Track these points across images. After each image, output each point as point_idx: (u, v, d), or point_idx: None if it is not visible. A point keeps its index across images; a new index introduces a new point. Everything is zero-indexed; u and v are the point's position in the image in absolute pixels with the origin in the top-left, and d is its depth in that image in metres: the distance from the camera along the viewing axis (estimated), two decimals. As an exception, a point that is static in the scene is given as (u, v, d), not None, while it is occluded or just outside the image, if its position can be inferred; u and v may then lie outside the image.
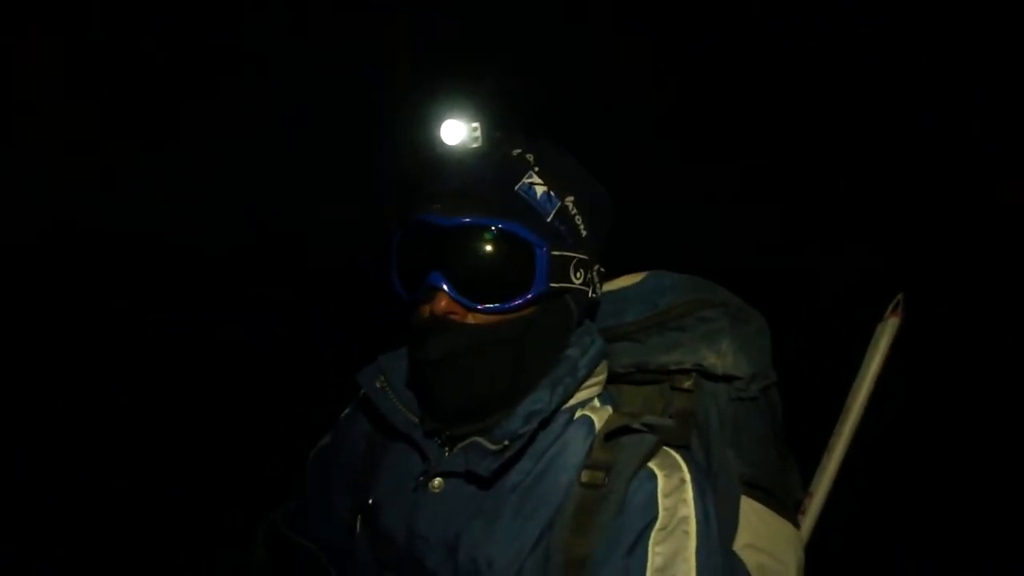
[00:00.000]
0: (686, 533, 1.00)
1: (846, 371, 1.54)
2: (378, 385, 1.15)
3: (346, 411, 1.30)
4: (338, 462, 1.25)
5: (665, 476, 1.04)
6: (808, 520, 1.45)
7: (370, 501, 1.16)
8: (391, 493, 1.14)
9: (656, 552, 1.00)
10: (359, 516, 1.17)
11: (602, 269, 1.16)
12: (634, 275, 1.32)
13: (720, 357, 1.20)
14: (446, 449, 1.10)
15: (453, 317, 1.05)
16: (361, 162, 4.27)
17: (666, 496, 1.02)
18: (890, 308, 1.49)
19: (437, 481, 1.09)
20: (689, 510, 1.02)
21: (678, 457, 1.07)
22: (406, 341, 1.14)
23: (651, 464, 1.05)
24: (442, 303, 1.04)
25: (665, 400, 1.26)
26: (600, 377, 1.16)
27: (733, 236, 4.29)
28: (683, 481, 1.04)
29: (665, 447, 1.07)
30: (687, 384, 1.23)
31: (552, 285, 1.07)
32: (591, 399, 1.15)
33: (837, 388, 1.57)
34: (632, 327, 1.26)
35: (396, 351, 1.20)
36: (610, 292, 1.25)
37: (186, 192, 4.51)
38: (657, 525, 1.01)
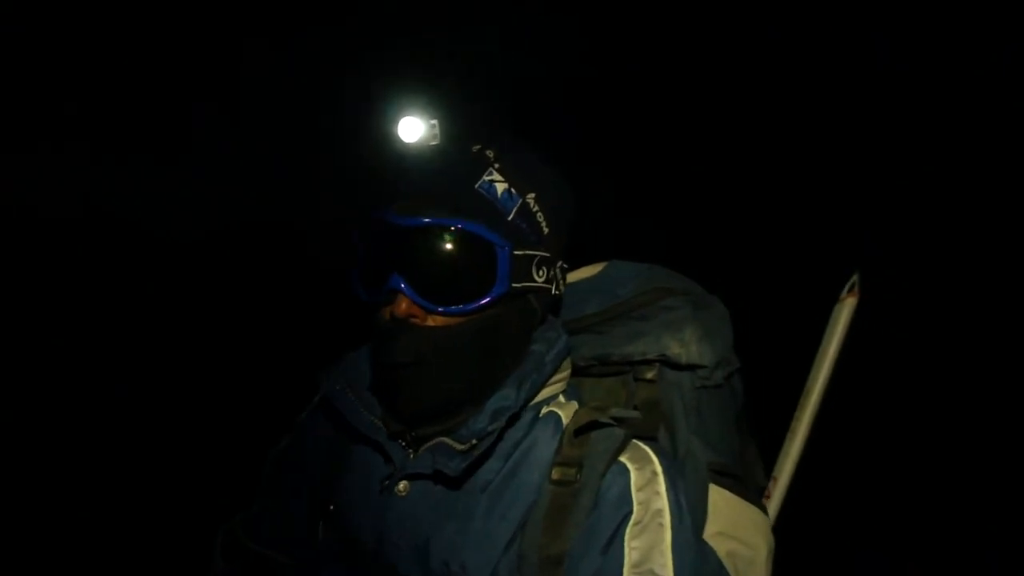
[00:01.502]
0: (661, 526, 0.99)
1: (805, 352, 1.55)
2: (339, 387, 1.12)
3: (304, 413, 1.26)
4: (297, 466, 1.22)
5: (637, 470, 1.03)
6: (773, 504, 1.45)
7: (331, 507, 1.13)
8: (355, 497, 1.11)
9: (632, 547, 0.99)
10: (321, 521, 1.14)
11: (565, 265, 1.14)
12: (592, 266, 1.30)
13: (684, 346, 1.19)
14: (411, 451, 1.08)
15: (414, 320, 1.03)
16: (322, 160, 4.21)
17: (639, 490, 1.01)
18: (846, 288, 1.49)
19: (403, 484, 1.07)
20: (663, 503, 1.01)
21: (648, 450, 1.05)
22: (369, 343, 1.12)
23: (622, 458, 1.03)
24: (403, 306, 1.02)
25: (628, 391, 1.25)
26: (565, 372, 1.15)
27: (682, 222, 4.30)
28: (655, 474, 1.02)
29: (634, 440, 1.06)
30: (650, 375, 1.22)
31: (515, 285, 1.05)
32: (556, 395, 1.13)
33: (796, 370, 1.57)
34: (593, 319, 1.24)
35: (358, 352, 1.17)
36: (569, 284, 1.23)
37: (158, 187, 4.43)
38: (632, 519, 1.00)
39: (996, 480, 3.79)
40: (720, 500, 1.20)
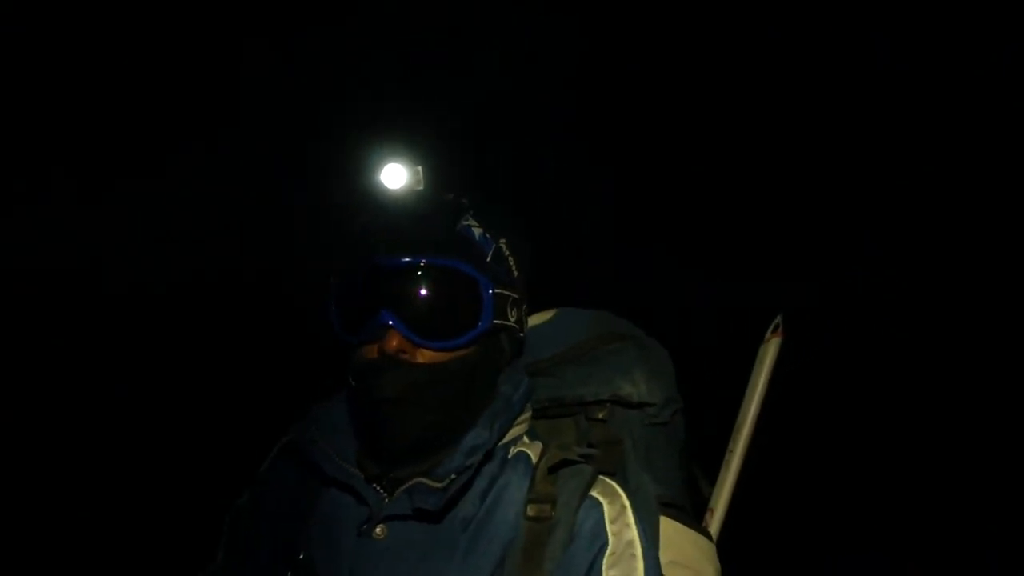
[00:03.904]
0: (633, 556, 1.06)
1: (732, 390, 1.64)
2: (308, 435, 1.15)
3: (263, 466, 1.27)
4: (261, 517, 1.22)
5: (608, 503, 1.09)
6: (712, 534, 1.53)
7: (301, 556, 1.14)
8: (326, 546, 1.12)
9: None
10: (289, 572, 1.14)
11: (526, 308, 1.21)
12: (543, 313, 1.38)
13: (635, 386, 1.27)
14: (385, 495, 1.10)
15: (403, 355, 1.06)
16: (298, 210, 4.13)
17: (612, 522, 1.07)
18: (771, 329, 1.60)
19: (380, 528, 1.08)
20: (633, 534, 1.07)
21: (615, 485, 1.12)
22: (346, 384, 1.14)
23: (593, 492, 1.09)
24: (393, 342, 1.05)
25: (579, 430, 1.32)
26: (528, 414, 1.20)
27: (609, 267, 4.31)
28: (624, 507, 1.09)
29: (600, 475, 1.12)
30: (601, 414, 1.29)
31: (495, 322, 1.11)
32: (521, 435, 1.18)
33: (724, 407, 1.67)
34: (547, 363, 1.31)
35: (326, 403, 1.20)
36: None
37: (126, 234, 4.23)
38: (608, 550, 1.05)
39: (996, 480, 3.86)
40: (670, 530, 1.27)
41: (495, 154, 4.13)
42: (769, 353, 1.58)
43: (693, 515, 1.42)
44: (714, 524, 1.56)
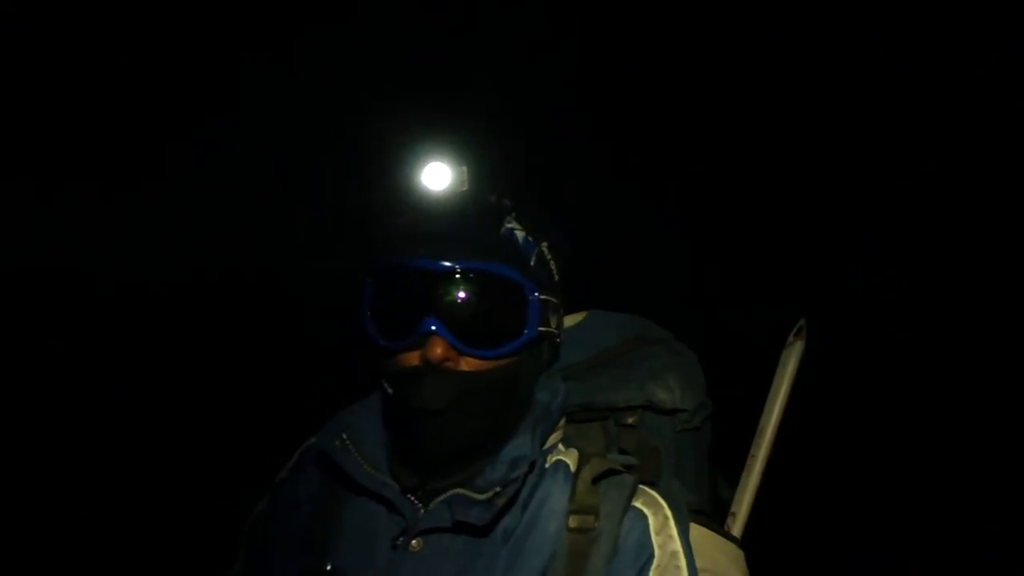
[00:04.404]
0: (678, 568, 1.04)
1: (754, 395, 1.63)
2: (338, 443, 1.10)
3: (282, 474, 1.23)
4: (281, 527, 1.18)
5: (652, 514, 1.07)
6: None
7: (328, 567, 1.10)
8: (357, 557, 1.08)
9: None
10: None
11: (563, 312, 1.18)
12: (574, 316, 1.36)
13: (669, 392, 1.25)
14: (420, 506, 1.07)
15: (448, 364, 1.03)
16: (338, 208, 4.08)
17: (657, 534, 1.05)
18: (793, 333, 1.59)
19: (416, 540, 1.05)
20: (677, 545, 1.05)
21: (656, 495, 1.10)
22: (383, 392, 1.10)
23: (636, 503, 1.07)
24: (438, 349, 1.02)
25: (608, 436, 1.30)
26: (563, 420, 1.18)
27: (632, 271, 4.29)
28: (667, 518, 1.07)
29: (641, 485, 1.10)
30: (631, 420, 1.27)
31: (540, 329, 1.08)
32: (557, 443, 1.16)
33: (746, 413, 1.65)
34: (578, 367, 1.29)
35: (354, 408, 1.16)
36: None
37: (143, 233, 4.19)
38: (654, 563, 1.04)
39: (996, 480, 3.85)
40: (700, 538, 1.26)
41: (529, 153, 4.10)
42: (792, 357, 1.57)
43: (719, 521, 1.41)
44: (736, 529, 1.54)
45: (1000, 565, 3.63)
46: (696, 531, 1.26)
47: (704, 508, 1.30)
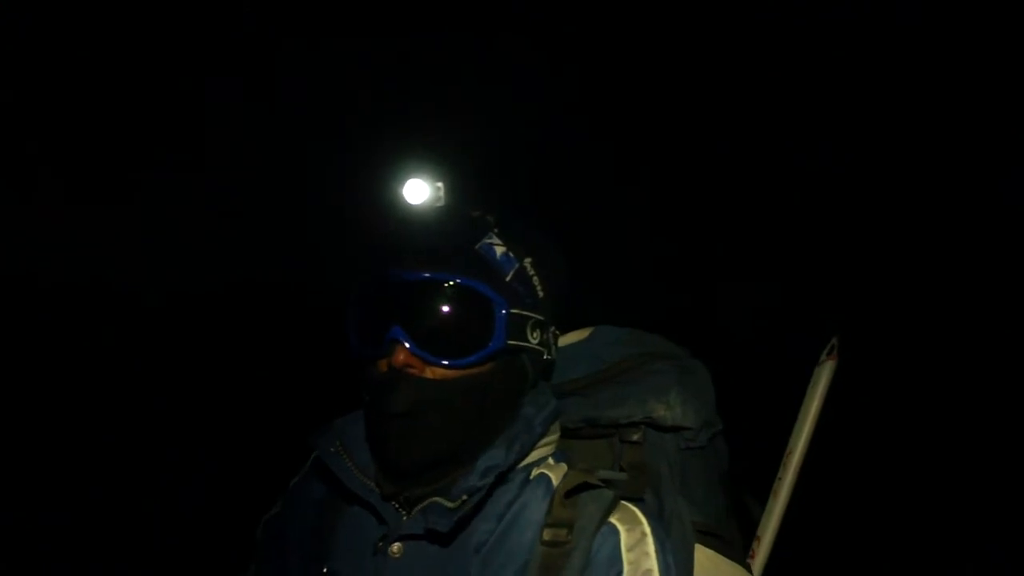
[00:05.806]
0: None
1: (785, 414, 1.58)
2: (333, 449, 1.14)
3: (296, 478, 1.27)
4: (290, 531, 1.22)
5: (627, 530, 1.05)
6: (758, 564, 1.48)
7: (325, 570, 1.14)
8: (349, 561, 1.12)
9: None
10: None
11: (557, 331, 1.19)
12: (580, 331, 1.35)
13: (669, 409, 1.23)
14: (403, 513, 1.10)
15: (411, 371, 1.06)
16: (322, 221, 4.19)
17: (629, 550, 1.04)
18: (825, 351, 1.54)
19: (396, 546, 1.08)
20: (652, 563, 1.03)
21: (636, 511, 1.08)
22: (363, 400, 1.14)
23: (612, 519, 1.06)
24: (400, 356, 1.05)
25: (614, 453, 1.28)
26: (554, 436, 1.18)
27: (660, 286, 4.30)
28: (644, 534, 1.05)
29: (622, 501, 1.09)
30: (635, 436, 1.25)
31: (509, 343, 1.09)
32: (546, 457, 1.16)
33: (776, 431, 1.61)
34: (581, 383, 1.29)
35: (351, 415, 1.19)
36: (559, 348, 1.26)
37: (144, 245, 4.37)
38: None
39: (997, 488, 3.77)
40: (705, 559, 1.23)
41: (527, 167, 4.12)
42: (823, 376, 1.52)
43: (738, 543, 1.36)
44: (761, 552, 1.50)
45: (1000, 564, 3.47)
46: (701, 553, 1.23)
47: (714, 530, 1.26)
